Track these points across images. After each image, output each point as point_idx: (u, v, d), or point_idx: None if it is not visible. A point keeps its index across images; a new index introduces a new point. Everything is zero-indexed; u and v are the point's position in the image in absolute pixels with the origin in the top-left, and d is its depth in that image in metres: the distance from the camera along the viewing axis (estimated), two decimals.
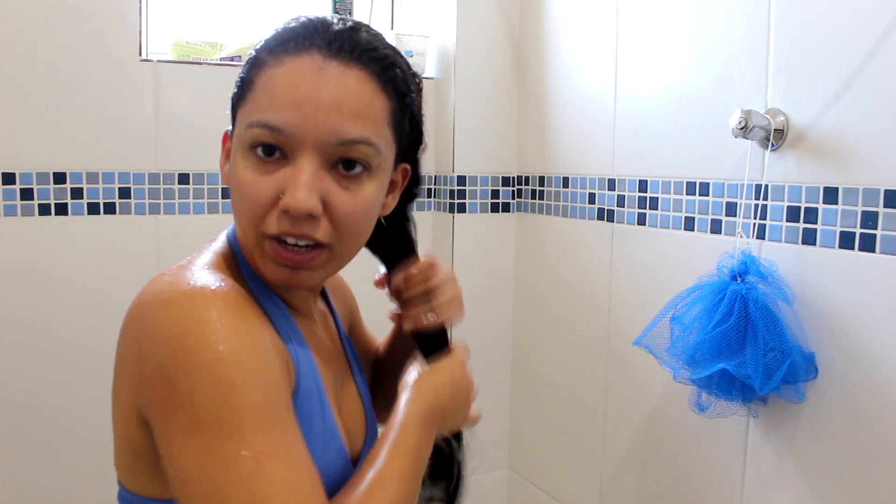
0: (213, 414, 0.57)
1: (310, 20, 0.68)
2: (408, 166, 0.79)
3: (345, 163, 0.67)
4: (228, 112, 0.73)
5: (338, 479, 0.72)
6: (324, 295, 0.89)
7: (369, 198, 0.69)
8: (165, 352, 0.59)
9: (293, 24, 0.69)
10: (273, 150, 0.66)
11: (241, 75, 0.70)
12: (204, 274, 0.65)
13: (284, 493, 0.57)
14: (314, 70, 0.65)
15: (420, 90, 0.76)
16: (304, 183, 0.64)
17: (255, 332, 0.62)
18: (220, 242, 0.75)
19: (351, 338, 0.92)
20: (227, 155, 0.73)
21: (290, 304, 0.75)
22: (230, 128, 0.73)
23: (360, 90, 0.66)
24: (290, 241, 0.67)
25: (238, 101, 0.70)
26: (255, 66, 0.68)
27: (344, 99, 0.65)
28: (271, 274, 0.69)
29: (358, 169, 0.67)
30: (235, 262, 0.73)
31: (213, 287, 0.63)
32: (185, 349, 0.58)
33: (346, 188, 0.67)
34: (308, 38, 0.66)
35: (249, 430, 0.58)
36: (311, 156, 0.65)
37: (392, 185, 0.76)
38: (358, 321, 0.99)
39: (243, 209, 0.68)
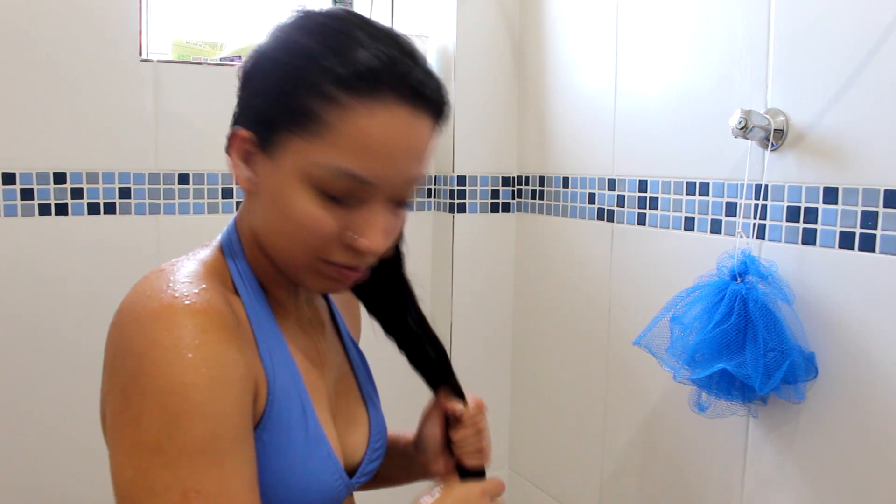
0: (154, 441, 0.58)
1: (358, 37, 0.65)
2: None
3: (406, 200, 0.70)
4: (246, 113, 0.70)
5: (326, 488, 0.72)
6: (330, 307, 0.89)
7: (406, 217, 0.73)
8: (128, 369, 0.60)
9: (342, 43, 0.64)
10: (351, 195, 0.66)
11: (285, 101, 0.65)
12: (183, 285, 0.65)
13: None
14: (407, 126, 0.65)
15: None
16: (384, 229, 0.67)
17: (214, 359, 0.61)
18: (212, 245, 0.75)
19: None
20: (242, 157, 0.70)
21: (282, 313, 0.75)
22: (241, 129, 0.69)
23: (429, 134, 0.68)
24: (352, 264, 0.69)
25: (288, 125, 0.65)
26: (318, 98, 0.64)
27: (423, 149, 0.68)
28: (318, 286, 0.71)
29: (411, 202, 0.72)
30: (228, 266, 0.72)
31: (185, 302, 0.62)
32: (143, 372, 0.59)
33: (398, 216, 0.71)
34: (397, 85, 0.64)
35: (184, 465, 0.58)
36: (385, 200, 0.67)
37: None
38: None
39: (298, 237, 0.67)
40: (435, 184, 1.86)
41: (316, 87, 0.63)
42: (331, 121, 0.63)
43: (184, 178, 1.61)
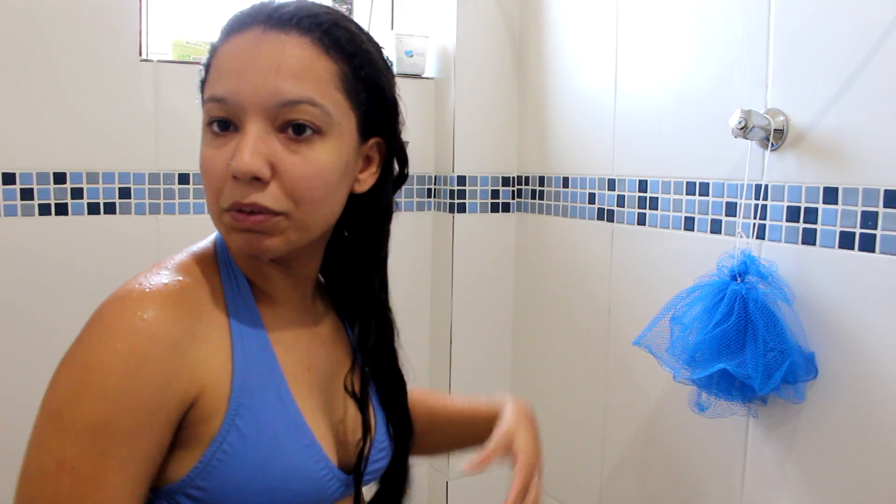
0: (57, 406, 0.62)
1: (259, 1, 0.71)
2: (381, 139, 0.77)
3: (294, 127, 0.67)
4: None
5: (309, 477, 0.71)
6: (337, 308, 0.88)
7: (323, 161, 0.69)
8: (75, 342, 0.64)
9: (244, 8, 0.71)
10: (227, 124, 0.68)
11: (203, 62, 0.73)
12: (158, 275, 0.68)
13: None
14: (254, 40, 0.68)
15: (375, 56, 0.74)
16: (247, 145, 0.66)
17: (142, 351, 0.62)
18: (206, 240, 0.77)
19: None
20: None
21: (268, 303, 0.75)
22: None
23: (300, 53, 0.68)
24: (246, 202, 0.68)
25: (202, 87, 0.73)
26: (211, 51, 0.72)
27: (282, 61, 0.67)
28: (235, 244, 0.70)
29: (307, 132, 0.68)
30: (216, 258, 0.74)
31: (146, 291, 0.65)
32: (79, 343, 0.64)
33: (295, 151, 0.68)
34: (252, 15, 0.69)
35: (71, 437, 0.60)
36: (256, 121, 0.67)
37: (368, 161, 0.76)
38: None
39: (205, 187, 0.70)
40: (435, 184, 1.86)
41: (210, 46, 0.72)
42: (210, 63, 0.71)
43: (184, 178, 1.61)
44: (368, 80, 0.72)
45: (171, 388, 0.64)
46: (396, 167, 0.80)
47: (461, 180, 1.79)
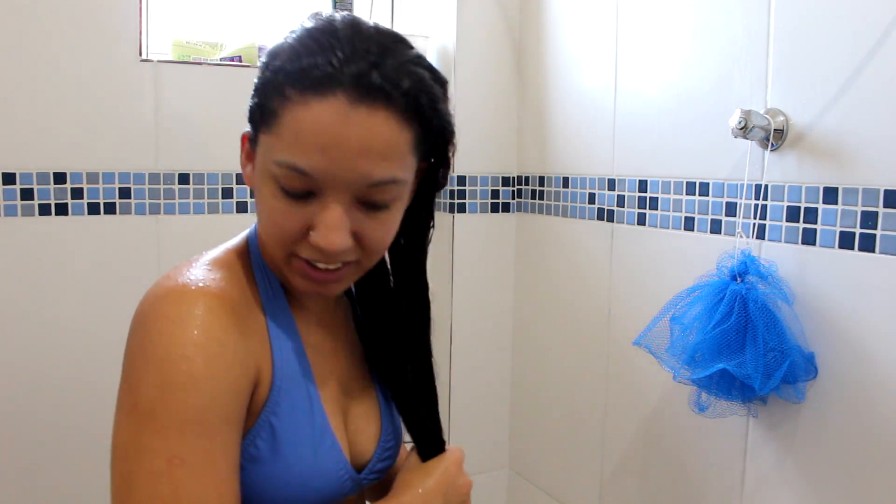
0: (149, 406, 0.61)
1: (329, 42, 0.65)
2: (425, 164, 0.76)
3: (377, 204, 0.68)
4: (246, 114, 0.71)
5: (330, 477, 0.74)
6: (355, 310, 0.89)
7: (396, 220, 0.72)
8: (137, 341, 0.64)
9: (312, 46, 0.65)
10: (302, 189, 0.66)
11: (261, 100, 0.68)
12: (200, 271, 0.69)
13: (182, 500, 0.60)
14: (341, 115, 0.63)
15: (448, 110, 0.73)
16: (335, 226, 0.66)
17: (216, 338, 0.64)
18: (238, 238, 0.78)
19: None
20: (248, 157, 0.73)
21: (298, 307, 0.77)
22: (248, 130, 0.72)
23: (388, 133, 0.65)
24: (321, 266, 0.69)
25: (261, 123, 0.68)
26: (277, 97, 0.65)
27: (372, 143, 0.64)
28: (300, 286, 0.71)
29: (386, 205, 0.69)
30: (249, 259, 0.75)
31: (198, 285, 0.67)
32: (149, 341, 0.63)
33: (374, 219, 0.69)
34: (335, 78, 0.63)
35: (174, 432, 0.61)
36: (340, 197, 0.66)
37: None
38: None
39: (271, 231, 0.69)
40: None
41: (279, 86, 0.65)
42: (280, 114, 0.65)
43: (184, 178, 1.61)
44: (438, 131, 0.71)
45: (247, 373, 0.67)
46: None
47: (461, 180, 1.79)
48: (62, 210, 1.52)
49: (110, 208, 1.56)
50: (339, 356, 0.82)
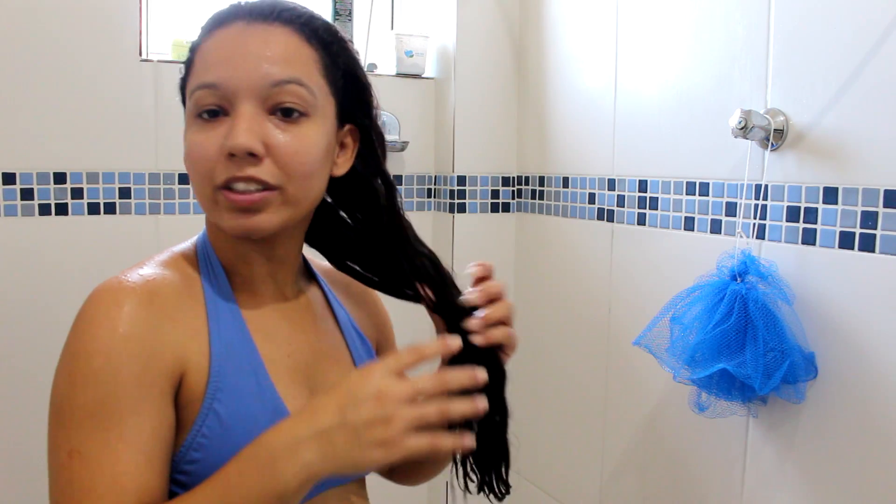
0: (59, 402, 0.66)
1: (238, 2, 0.75)
2: (355, 127, 0.80)
3: (283, 111, 0.71)
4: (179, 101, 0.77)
5: None
6: (326, 296, 0.89)
7: (311, 138, 0.73)
8: (67, 339, 0.68)
9: (222, 8, 0.75)
10: (216, 111, 0.71)
11: (185, 63, 0.76)
12: (140, 268, 0.74)
13: (76, 492, 0.63)
14: (239, 31, 0.72)
15: (349, 45, 0.79)
16: (241, 124, 0.69)
17: (122, 333, 0.66)
18: (187, 241, 0.82)
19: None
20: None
21: (246, 290, 0.78)
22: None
23: (285, 40, 0.72)
24: (240, 186, 0.70)
25: (184, 82, 0.75)
26: (192, 49, 0.75)
27: (269, 48, 0.71)
28: (228, 224, 0.73)
29: (295, 115, 0.72)
30: (196, 256, 0.78)
31: (124, 283, 0.70)
32: (67, 341, 0.68)
33: (285, 130, 0.71)
34: (233, 12, 0.73)
35: (74, 426, 0.64)
36: (247, 104, 0.70)
37: (343, 147, 0.79)
38: (386, 345, 0.97)
39: (195, 171, 0.73)
40: (435, 184, 1.86)
41: (195, 43, 0.75)
42: (194, 58, 0.74)
43: (184, 178, 1.61)
44: (345, 67, 0.77)
45: (157, 365, 0.68)
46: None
47: (461, 180, 1.79)
48: (62, 210, 1.52)
49: (110, 208, 1.56)
50: (298, 339, 0.81)
